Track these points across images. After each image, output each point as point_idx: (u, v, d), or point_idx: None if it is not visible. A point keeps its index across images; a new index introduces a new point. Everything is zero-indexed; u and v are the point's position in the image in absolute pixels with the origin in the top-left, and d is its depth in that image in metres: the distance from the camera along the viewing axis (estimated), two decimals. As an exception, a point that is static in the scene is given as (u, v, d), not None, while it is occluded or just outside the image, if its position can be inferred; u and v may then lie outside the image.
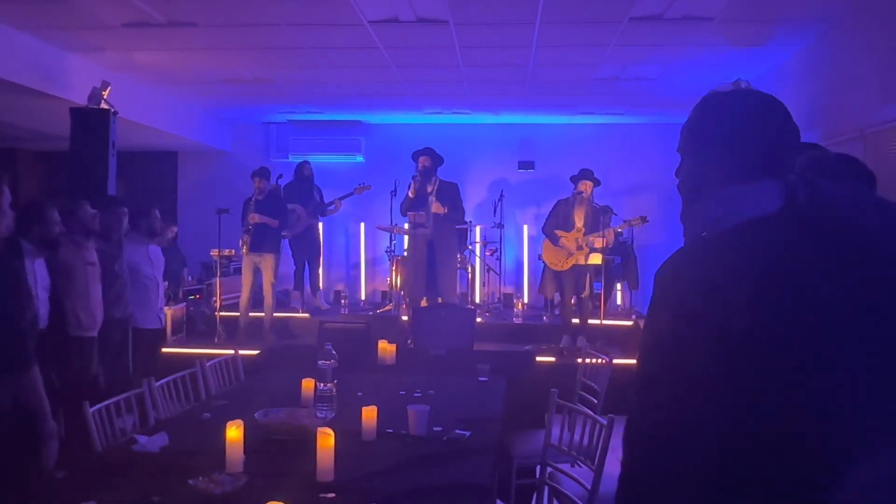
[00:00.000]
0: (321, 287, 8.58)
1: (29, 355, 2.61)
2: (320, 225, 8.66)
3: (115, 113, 5.97)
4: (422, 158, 7.05)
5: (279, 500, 2.01)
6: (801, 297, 1.14)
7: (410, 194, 7.04)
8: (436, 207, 6.89)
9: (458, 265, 8.17)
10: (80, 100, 5.96)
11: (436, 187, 7.00)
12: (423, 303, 6.66)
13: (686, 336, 1.20)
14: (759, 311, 1.14)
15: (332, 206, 8.39)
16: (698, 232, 1.32)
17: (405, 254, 7.76)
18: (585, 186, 6.84)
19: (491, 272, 8.97)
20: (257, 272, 7.39)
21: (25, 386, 2.73)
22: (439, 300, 6.79)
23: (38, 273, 4.08)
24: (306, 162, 8.44)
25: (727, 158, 1.29)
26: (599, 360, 4.48)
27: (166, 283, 7.40)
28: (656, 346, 1.26)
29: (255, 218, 7.25)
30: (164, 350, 6.59)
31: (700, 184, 1.34)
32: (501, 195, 8.77)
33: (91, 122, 5.87)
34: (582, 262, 6.82)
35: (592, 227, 6.78)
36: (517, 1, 4.75)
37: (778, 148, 1.29)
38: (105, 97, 5.93)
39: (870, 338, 1.13)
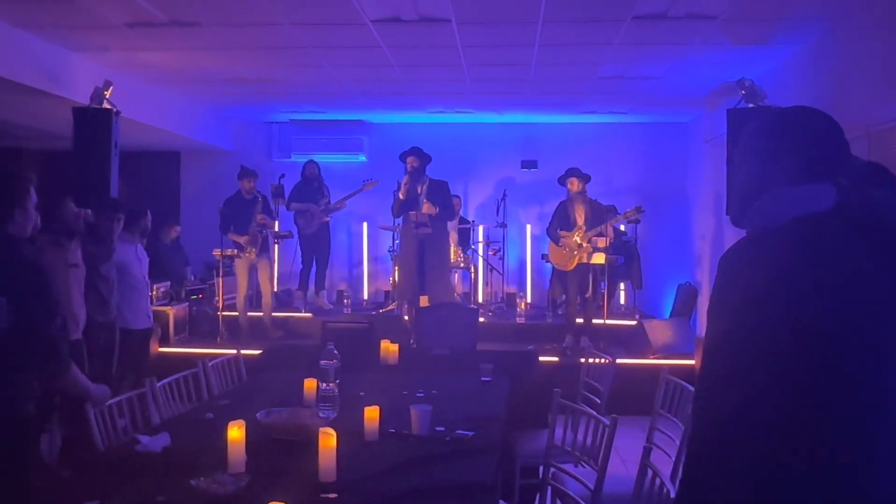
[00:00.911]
0: (325, 286, 8.58)
1: (65, 356, 2.60)
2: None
3: (118, 113, 5.97)
4: (409, 159, 7.01)
5: (281, 501, 2.01)
6: (854, 288, 1.29)
7: (401, 196, 7.01)
8: (427, 208, 6.86)
9: (461, 264, 8.16)
10: (83, 99, 5.97)
11: (426, 187, 6.96)
12: (424, 302, 6.65)
13: (751, 322, 1.32)
14: (821, 298, 1.28)
15: (341, 203, 8.38)
16: (760, 224, 1.46)
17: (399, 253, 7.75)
18: (573, 184, 6.85)
19: (494, 272, 8.96)
20: (252, 272, 7.38)
21: (65, 386, 2.73)
22: (423, 299, 6.75)
23: None
24: (312, 161, 8.43)
25: (790, 161, 1.47)
26: (603, 360, 4.48)
27: (168, 283, 7.42)
28: (724, 331, 1.38)
29: (263, 219, 7.25)
30: (165, 350, 6.61)
31: (760, 184, 1.50)
32: (504, 194, 8.77)
33: (94, 121, 5.87)
34: (586, 261, 6.82)
35: (594, 223, 6.78)
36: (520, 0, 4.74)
37: (833, 155, 1.47)
38: (108, 97, 5.93)
39: None
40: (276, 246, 8.64)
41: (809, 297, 1.29)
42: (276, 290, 8.14)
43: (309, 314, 7.97)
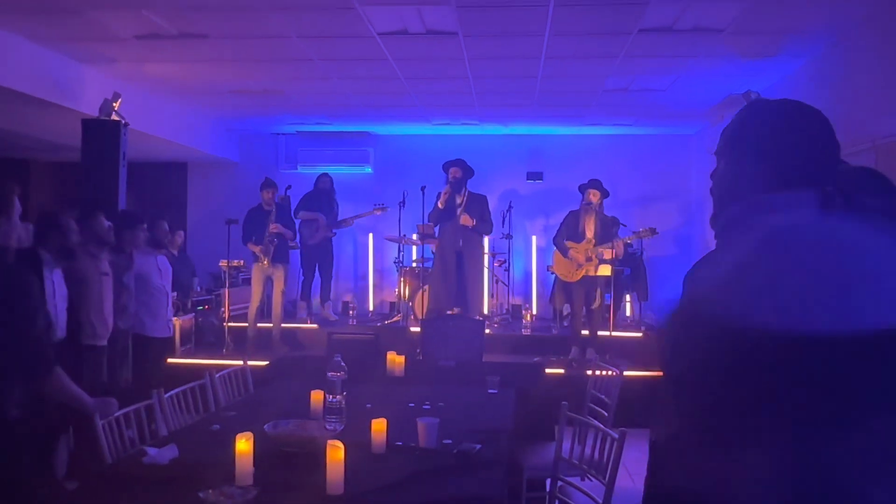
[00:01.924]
0: (330, 298, 8.59)
1: (48, 361, 2.61)
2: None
3: (126, 124, 6.01)
4: (452, 169, 7.08)
5: None
6: (834, 304, 1.14)
7: (440, 205, 7.06)
8: (464, 220, 6.92)
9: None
10: (92, 111, 6.01)
11: (465, 199, 7.02)
12: (452, 311, 6.69)
13: (717, 339, 1.18)
14: (793, 316, 1.13)
15: (350, 223, 8.41)
16: (731, 235, 1.31)
17: (431, 265, 7.76)
18: (594, 196, 6.82)
19: (500, 283, 8.96)
20: (267, 283, 7.41)
21: (51, 391, 2.74)
22: (453, 311, 6.78)
23: (56, 284, 4.12)
24: (326, 174, 8.46)
25: (763, 165, 1.30)
26: (609, 372, 4.46)
27: (175, 294, 7.44)
28: (685, 350, 1.25)
29: (276, 227, 7.28)
30: (172, 361, 6.61)
31: (734, 189, 1.34)
32: (510, 206, 8.77)
33: (102, 133, 5.92)
34: (592, 273, 6.80)
35: (602, 237, 6.76)
36: (526, 13, 4.76)
37: (816, 159, 1.29)
38: (116, 108, 5.98)
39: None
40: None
41: (788, 310, 1.15)
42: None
43: (314, 325, 7.98)
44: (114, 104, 5.96)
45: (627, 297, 8.79)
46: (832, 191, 1.24)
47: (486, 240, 9.01)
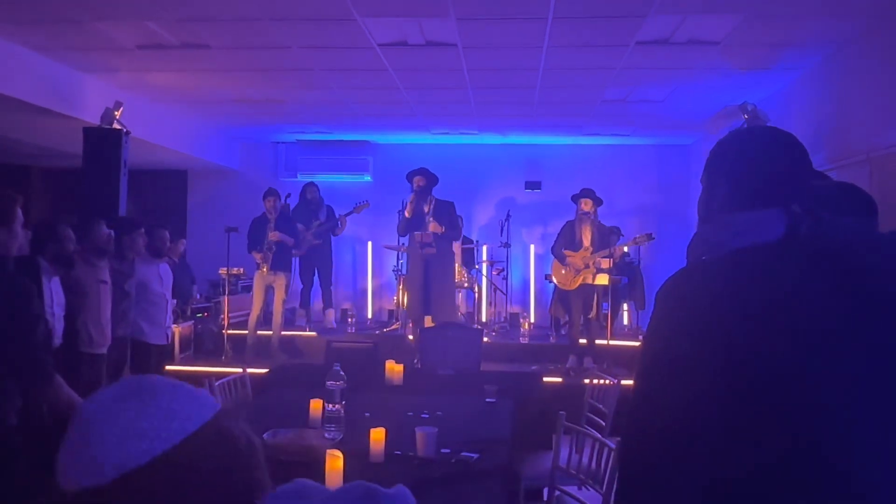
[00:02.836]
0: (332, 304, 8.63)
1: (48, 369, 2.63)
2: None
3: (128, 133, 6.05)
4: (416, 179, 7.07)
5: None
6: (797, 324, 1.16)
7: (407, 214, 7.06)
8: (433, 227, 6.89)
9: (465, 284, 8.19)
10: (94, 119, 6.05)
11: (432, 206, 7.02)
12: (428, 322, 6.67)
13: (684, 356, 1.20)
14: (755, 336, 1.16)
15: (339, 225, 8.43)
16: (699, 255, 1.35)
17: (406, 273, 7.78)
18: (587, 204, 6.86)
19: (497, 292, 8.99)
20: (268, 291, 7.43)
21: (49, 398, 2.76)
22: (427, 319, 6.77)
23: (54, 291, 4.14)
24: (312, 184, 8.51)
25: (729, 187, 1.35)
26: (607, 381, 4.48)
27: (174, 301, 7.45)
28: (654, 367, 1.26)
29: (276, 236, 7.31)
30: (171, 368, 6.62)
31: (707, 210, 1.40)
32: (508, 215, 8.81)
33: (104, 141, 5.95)
34: (590, 282, 6.83)
35: (600, 246, 6.80)
36: (525, 26, 4.81)
37: (784, 180, 1.32)
38: (118, 117, 6.01)
39: (866, 366, 1.14)
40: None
41: (751, 334, 1.16)
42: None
43: (313, 333, 8.00)
44: (115, 113, 5.99)
45: (625, 306, 8.83)
46: (798, 211, 1.28)
47: (483, 248, 9.06)
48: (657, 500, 1.21)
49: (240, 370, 4.33)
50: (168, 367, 6.72)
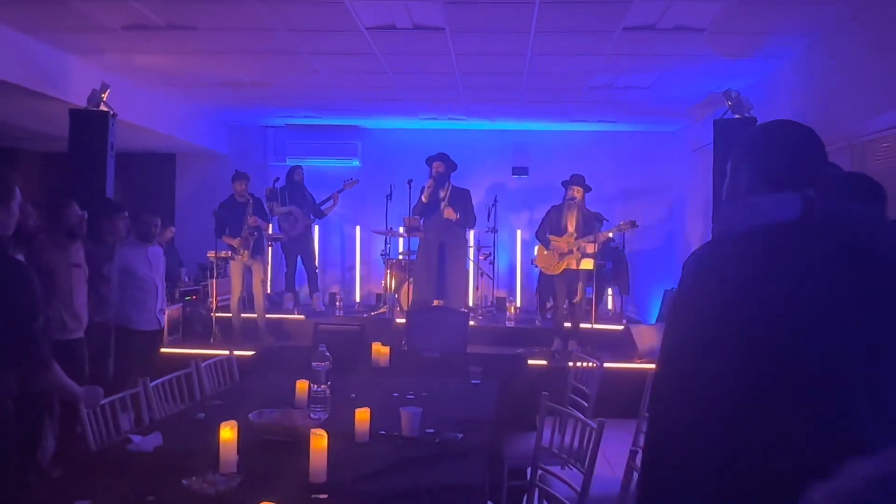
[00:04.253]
0: (318, 288, 8.65)
1: (47, 355, 2.63)
2: (316, 227, 8.74)
3: (114, 115, 6.02)
4: (436, 164, 7.14)
5: (272, 501, 2.03)
6: (812, 299, 1.28)
7: (424, 199, 7.11)
8: (448, 213, 6.96)
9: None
10: (80, 102, 6.01)
11: (448, 193, 7.07)
12: (436, 303, 6.73)
13: (708, 330, 1.35)
14: (777, 307, 1.29)
15: (331, 202, 8.45)
16: (725, 228, 1.50)
17: (416, 256, 7.81)
18: (577, 192, 6.91)
19: (484, 276, 9.03)
20: (246, 274, 7.44)
21: (47, 385, 2.76)
22: (436, 303, 6.84)
23: None
24: (299, 167, 8.53)
25: (753, 171, 1.51)
26: (590, 364, 4.54)
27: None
28: (682, 340, 1.41)
29: (255, 221, 7.31)
30: (161, 351, 6.60)
31: (733, 190, 1.56)
32: (495, 200, 8.84)
33: (90, 124, 5.91)
34: (574, 266, 6.88)
35: (584, 232, 6.85)
36: (512, 10, 4.81)
37: (801, 168, 1.48)
38: (104, 99, 5.97)
39: (872, 339, 1.24)
40: (270, 248, 8.70)
41: (766, 305, 1.30)
42: (268, 292, 8.19)
43: (301, 316, 8.02)
44: (102, 95, 5.96)
45: (609, 291, 8.90)
46: (813, 195, 1.42)
47: (470, 233, 9.10)
48: (688, 490, 1.30)
49: (227, 352, 4.35)
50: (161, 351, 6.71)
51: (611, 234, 7.18)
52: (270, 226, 8.26)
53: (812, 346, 1.25)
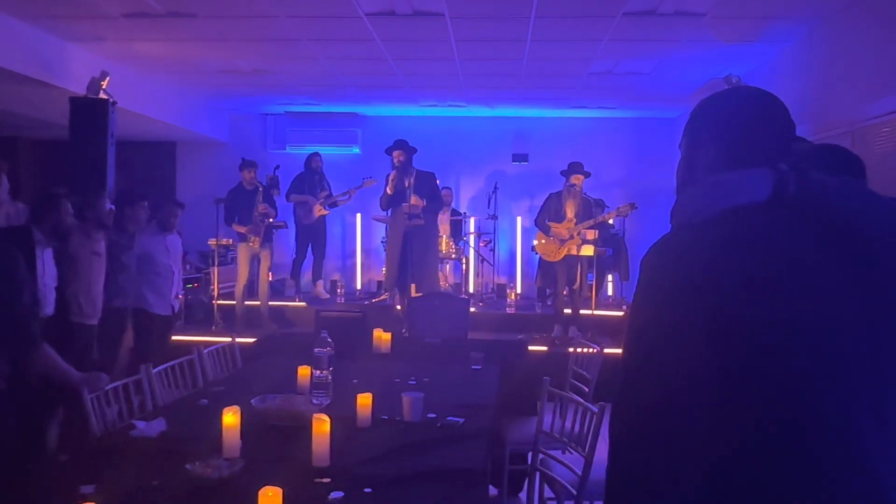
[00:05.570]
0: (322, 276, 8.67)
1: (34, 337, 2.65)
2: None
3: (114, 103, 6.01)
4: (395, 153, 6.98)
5: (275, 485, 2.04)
6: (788, 283, 1.14)
7: (389, 190, 6.99)
8: (414, 200, 6.83)
9: (453, 255, 8.23)
10: (80, 89, 6.00)
11: (413, 180, 6.93)
12: (413, 292, 6.70)
13: (672, 322, 1.19)
14: (747, 297, 1.14)
15: (347, 196, 8.44)
16: (685, 218, 1.30)
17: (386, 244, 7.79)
18: (577, 179, 6.92)
19: (485, 263, 9.05)
20: (254, 262, 7.46)
21: (39, 366, 2.78)
22: (412, 288, 6.79)
23: (45, 262, 4.15)
24: (317, 154, 8.51)
25: (712, 147, 1.32)
26: (590, 350, 4.56)
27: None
28: (643, 332, 1.25)
29: (265, 208, 7.33)
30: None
31: (689, 173, 1.36)
32: (496, 187, 8.84)
33: (90, 111, 5.91)
34: (574, 253, 6.90)
35: (583, 218, 6.86)
36: (512, -4, 4.81)
37: (768, 139, 1.29)
38: (104, 87, 5.97)
39: (858, 322, 1.13)
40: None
41: (742, 300, 1.14)
42: (271, 279, 8.22)
43: (303, 303, 8.05)
44: (101, 83, 5.95)
45: (609, 277, 8.92)
46: (786, 169, 1.24)
47: (470, 220, 9.08)
48: (649, 468, 1.20)
49: (229, 339, 4.37)
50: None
51: (611, 221, 7.18)
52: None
53: (793, 330, 1.12)
